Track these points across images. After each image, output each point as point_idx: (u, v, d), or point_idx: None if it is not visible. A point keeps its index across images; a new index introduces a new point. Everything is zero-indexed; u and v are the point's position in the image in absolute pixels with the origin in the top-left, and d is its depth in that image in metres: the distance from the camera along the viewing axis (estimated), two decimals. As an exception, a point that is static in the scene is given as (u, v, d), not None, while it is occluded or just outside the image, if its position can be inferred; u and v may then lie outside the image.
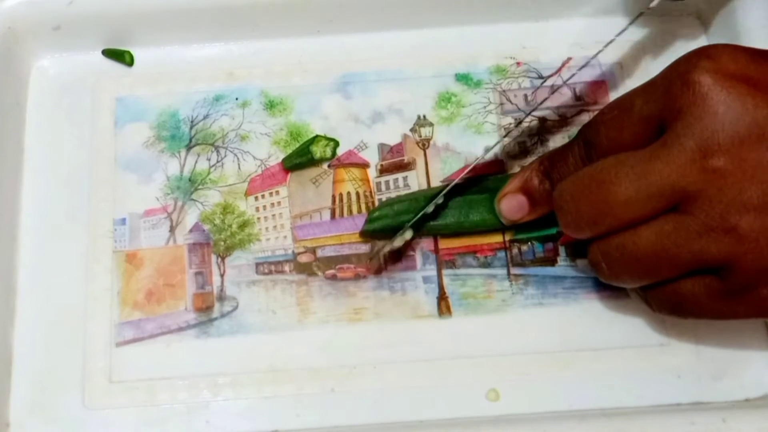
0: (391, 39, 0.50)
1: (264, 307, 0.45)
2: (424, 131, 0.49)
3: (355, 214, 0.47)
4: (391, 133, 0.49)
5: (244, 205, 0.47)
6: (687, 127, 0.35)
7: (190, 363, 0.44)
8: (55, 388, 0.43)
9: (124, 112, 0.49)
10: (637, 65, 0.49)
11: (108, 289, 0.45)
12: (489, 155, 0.47)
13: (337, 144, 0.48)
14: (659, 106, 0.37)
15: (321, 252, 0.46)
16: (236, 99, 0.49)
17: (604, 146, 0.38)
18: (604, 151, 0.38)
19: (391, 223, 0.46)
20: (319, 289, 0.46)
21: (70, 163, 0.48)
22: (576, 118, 0.49)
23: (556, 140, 0.48)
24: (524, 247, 0.46)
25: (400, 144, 0.48)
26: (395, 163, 0.48)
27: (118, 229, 0.47)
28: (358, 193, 0.48)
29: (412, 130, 0.49)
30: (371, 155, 0.48)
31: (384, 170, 0.48)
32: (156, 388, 0.43)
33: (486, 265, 0.46)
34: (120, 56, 0.50)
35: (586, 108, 0.49)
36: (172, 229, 0.47)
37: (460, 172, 0.47)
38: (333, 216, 0.47)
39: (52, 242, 0.46)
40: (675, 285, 0.38)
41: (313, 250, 0.47)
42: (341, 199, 0.48)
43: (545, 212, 0.43)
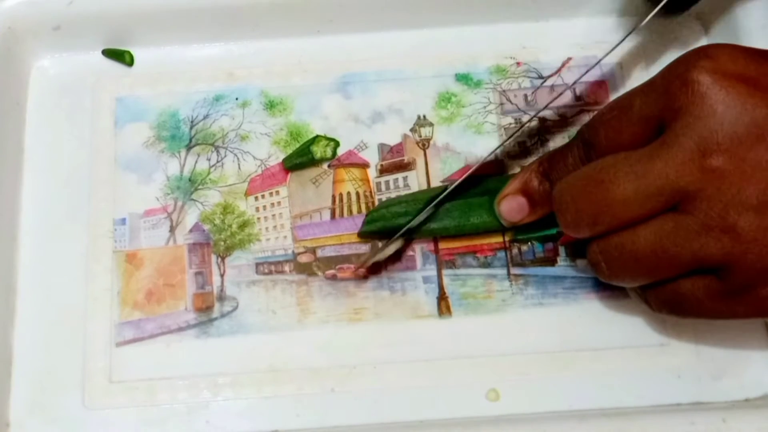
0: (391, 39, 0.50)
1: (264, 307, 0.45)
2: (424, 131, 0.49)
3: (355, 214, 0.47)
4: (391, 133, 0.49)
5: (244, 205, 0.47)
6: (686, 127, 0.35)
7: (190, 363, 0.44)
8: (55, 388, 0.43)
9: (124, 112, 0.49)
10: (637, 65, 0.49)
11: (108, 289, 0.45)
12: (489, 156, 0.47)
13: (337, 144, 0.48)
14: (658, 105, 0.36)
15: (321, 252, 0.46)
16: (236, 99, 0.49)
17: (603, 146, 0.38)
18: (603, 151, 0.38)
19: (389, 225, 0.45)
20: (319, 289, 0.45)
21: (70, 163, 0.48)
22: (576, 118, 0.48)
23: (556, 140, 0.48)
24: (524, 247, 0.46)
25: (400, 144, 0.48)
26: (395, 163, 0.48)
27: (118, 229, 0.46)
28: (358, 193, 0.48)
29: (412, 130, 0.49)
30: (371, 155, 0.48)
31: (384, 170, 0.48)
32: (156, 388, 0.43)
33: (486, 265, 0.46)
34: (120, 56, 0.50)
35: (586, 108, 0.49)
36: (172, 229, 0.47)
37: (459, 173, 0.47)
38: (333, 216, 0.47)
39: (52, 242, 0.46)
40: (674, 284, 0.38)
41: (313, 250, 0.46)
42: (341, 199, 0.47)
43: (545, 213, 0.43)
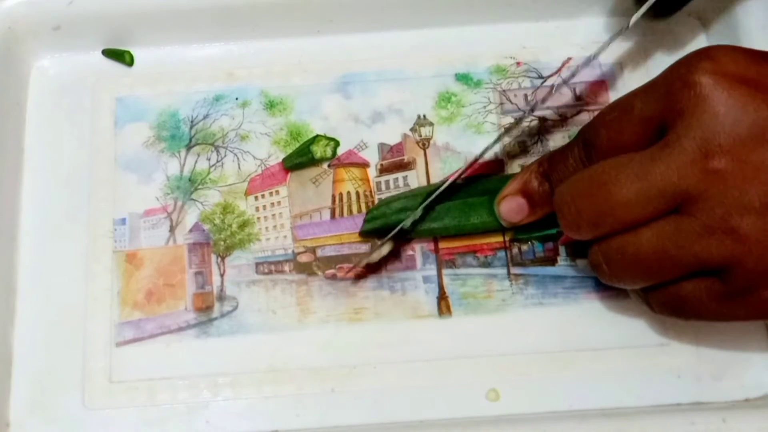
0: (391, 39, 0.50)
1: (264, 306, 0.45)
2: (424, 131, 0.48)
3: (355, 214, 0.47)
4: (391, 132, 0.49)
5: (244, 205, 0.47)
6: (688, 129, 0.35)
7: (190, 363, 0.44)
8: (55, 388, 0.43)
9: (124, 112, 0.49)
10: (638, 65, 0.49)
11: (108, 289, 0.45)
12: (488, 155, 0.46)
13: (337, 144, 0.48)
14: (660, 107, 0.36)
15: (321, 252, 0.46)
16: (236, 99, 0.49)
17: (604, 147, 0.38)
18: (603, 152, 0.38)
19: (390, 222, 0.45)
20: (319, 289, 0.45)
21: (70, 163, 0.48)
22: (576, 118, 0.48)
23: (556, 140, 0.48)
24: (524, 247, 0.46)
25: (400, 144, 0.48)
26: (395, 162, 0.48)
27: (118, 229, 0.46)
28: (358, 193, 0.47)
29: (412, 129, 0.48)
30: (371, 155, 0.48)
31: (384, 170, 0.48)
32: (156, 388, 0.43)
33: (486, 265, 0.45)
34: (120, 56, 0.50)
35: (586, 108, 0.48)
36: (172, 229, 0.46)
37: (458, 173, 0.47)
38: (333, 216, 0.47)
39: (52, 242, 0.46)
40: (676, 286, 0.38)
41: (313, 250, 0.46)
42: (341, 199, 0.47)
43: (545, 214, 0.43)
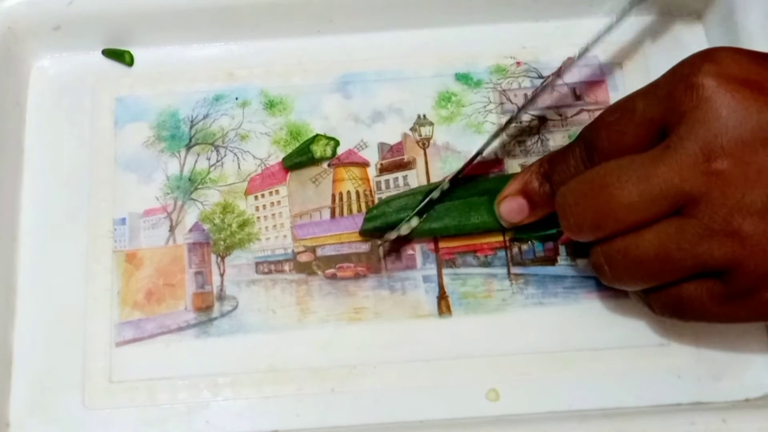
0: (391, 39, 0.50)
1: (264, 306, 0.44)
2: (424, 130, 0.48)
3: (355, 213, 0.47)
4: (391, 132, 0.48)
5: (243, 205, 0.47)
6: (690, 130, 0.35)
7: (190, 363, 0.43)
8: (55, 388, 0.43)
9: (124, 112, 0.49)
10: (638, 65, 0.49)
11: (108, 289, 0.45)
12: (488, 154, 0.47)
13: (337, 143, 0.48)
14: (662, 109, 0.36)
15: (321, 251, 0.46)
16: (236, 99, 0.49)
17: (606, 149, 0.38)
18: (605, 153, 0.38)
19: (390, 220, 0.45)
20: (319, 289, 0.45)
21: (70, 163, 0.47)
22: (576, 117, 0.48)
23: (557, 140, 0.48)
24: (524, 247, 0.45)
25: (400, 143, 0.48)
26: (395, 162, 0.48)
27: (118, 229, 0.46)
28: (358, 192, 0.47)
29: (412, 129, 0.48)
30: (371, 154, 0.48)
31: (384, 169, 0.48)
32: (156, 388, 0.43)
33: (486, 265, 0.45)
34: (120, 56, 0.50)
35: (587, 108, 0.48)
36: (172, 229, 0.46)
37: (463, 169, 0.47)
38: (333, 215, 0.47)
39: (52, 242, 0.46)
40: (677, 288, 0.37)
41: (313, 250, 0.46)
42: (341, 198, 0.47)
43: (545, 214, 0.43)
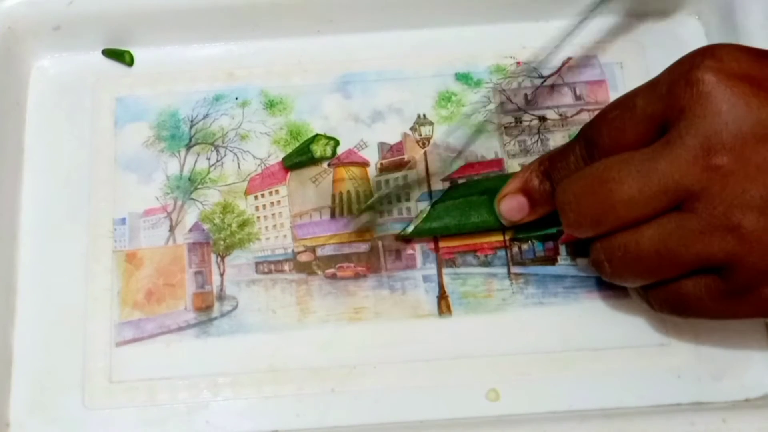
0: (391, 39, 0.49)
1: (264, 306, 0.44)
2: (424, 130, 0.48)
3: (355, 213, 0.46)
4: (391, 132, 0.48)
5: (243, 205, 0.46)
6: (690, 126, 0.34)
7: (190, 363, 0.43)
8: (55, 388, 0.42)
9: (124, 112, 0.48)
10: (638, 65, 0.48)
11: (108, 289, 0.44)
12: (488, 154, 0.47)
13: (337, 143, 0.48)
14: (662, 105, 0.36)
15: (321, 251, 0.46)
16: (236, 99, 0.49)
17: (606, 146, 0.37)
18: (605, 150, 0.37)
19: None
20: (319, 288, 0.45)
21: (70, 163, 0.47)
22: (576, 117, 0.48)
23: (557, 139, 0.47)
24: (524, 246, 0.45)
25: (400, 143, 0.48)
26: (395, 161, 0.47)
27: (118, 228, 0.46)
28: (357, 192, 0.47)
29: (412, 129, 0.48)
30: (371, 154, 0.48)
31: (384, 169, 0.47)
32: (156, 388, 0.42)
33: (486, 264, 0.45)
34: (120, 56, 0.49)
35: (587, 107, 0.48)
36: (172, 229, 0.46)
37: (459, 172, 0.47)
38: (333, 215, 0.46)
39: (52, 242, 0.45)
40: (677, 284, 0.37)
41: (313, 249, 0.46)
42: (341, 198, 0.47)
43: (546, 213, 0.42)
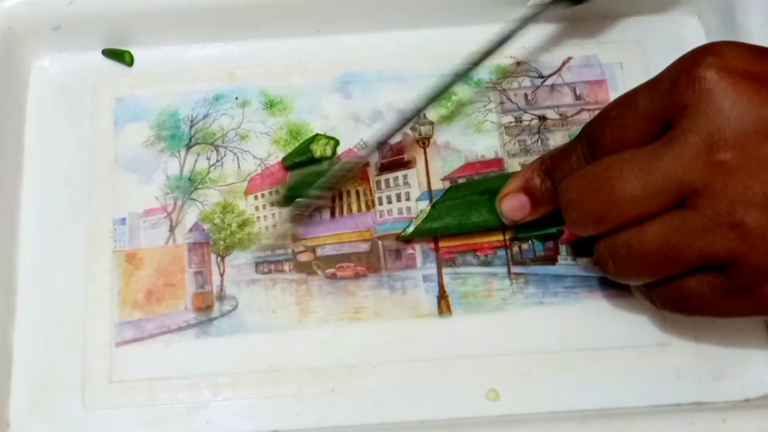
0: (391, 39, 0.49)
1: (264, 306, 0.44)
2: (424, 130, 0.47)
3: (355, 213, 0.46)
4: (392, 131, 0.47)
5: (243, 204, 0.46)
6: (692, 123, 0.34)
7: (190, 363, 0.43)
8: (55, 388, 0.42)
9: (124, 112, 0.48)
10: (638, 65, 0.48)
11: (108, 289, 0.44)
12: (488, 154, 0.46)
13: (337, 142, 0.47)
14: (664, 102, 0.35)
15: (321, 251, 0.45)
16: (236, 98, 0.48)
17: (608, 144, 0.37)
18: (607, 149, 0.37)
19: (301, 194, 0.44)
20: (319, 288, 0.44)
21: (70, 163, 0.47)
22: (576, 117, 0.47)
23: (557, 139, 0.47)
24: (525, 246, 0.45)
25: (400, 142, 0.47)
26: (395, 161, 0.47)
27: (118, 228, 0.45)
28: (357, 192, 0.46)
29: (412, 128, 0.47)
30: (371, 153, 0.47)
31: (384, 168, 0.47)
32: (156, 388, 0.42)
33: (486, 264, 0.44)
34: (120, 56, 0.49)
35: (587, 107, 0.47)
36: (172, 229, 0.45)
37: (459, 171, 0.46)
38: (333, 215, 0.46)
39: (52, 242, 0.45)
40: (679, 282, 0.37)
41: (313, 249, 0.45)
42: (341, 198, 0.46)
43: (547, 212, 0.42)
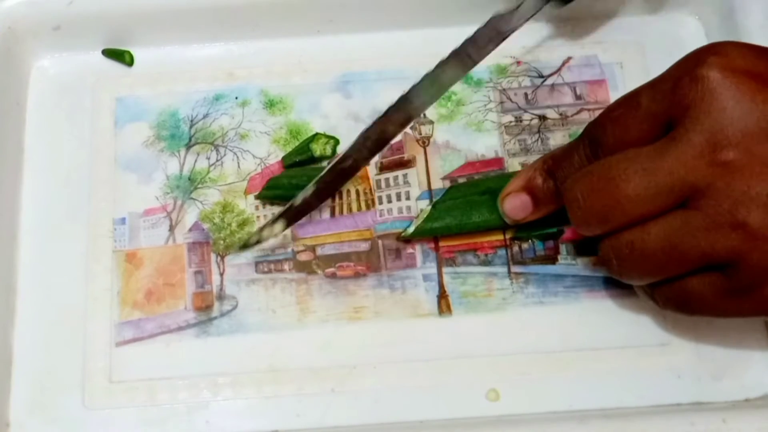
0: (391, 39, 0.49)
1: (264, 306, 0.43)
2: (424, 129, 0.47)
3: (355, 212, 0.45)
4: (391, 131, 0.47)
5: (243, 204, 0.46)
6: (695, 123, 0.34)
7: (190, 363, 0.42)
8: (55, 388, 0.42)
9: (124, 112, 0.47)
10: (638, 65, 0.47)
11: (108, 288, 0.44)
12: (489, 153, 0.46)
13: (337, 142, 0.47)
14: (667, 102, 0.35)
15: (321, 250, 0.45)
16: (236, 98, 0.48)
17: (610, 144, 0.36)
18: (610, 148, 0.36)
19: (287, 195, 0.43)
20: (319, 288, 0.44)
21: (70, 163, 0.46)
22: (576, 117, 0.47)
23: (557, 139, 0.46)
24: (525, 245, 0.44)
25: (400, 142, 0.47)
26: (395, 160, 0.46)
27: (118, 228, 0.45)
28: (357, 191, 0.46)
29: (412, 128, 0.47)
30: (371, 153, 0.47)
31: (384, 168, 0.46)
32: (156, 388, 0.42)
33: (486, 263, 0.44)
34: (120, 56, 0.48)
35: (587, 107, 0.47)
36: (172, 229, 0.45)
37: (459, 171, 0.46)
38: (332, 214, 0.46)
39: (52, 242, 0.45)
40: (682, 282, 0.36)
41: (313, 249, 0.45)
42: (341, 197, 0.46)
43: (549, 212, 0.41)
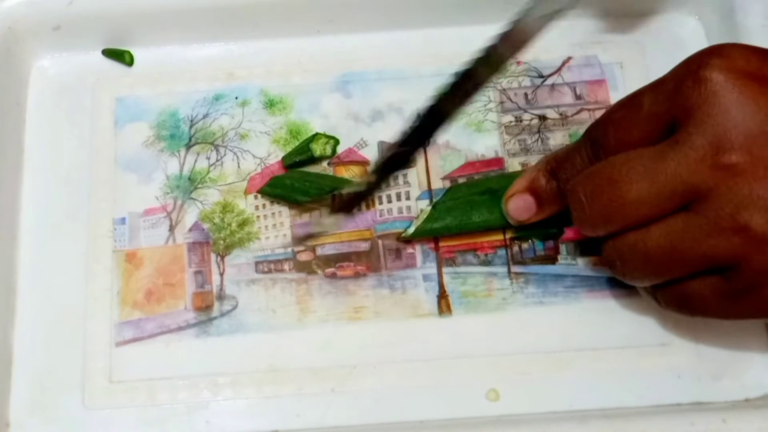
0: (391, 39, 0.48)
1: (264, 306, 0.43)
2: (424, 129, 0.46)
3: (355, 212, 0.45)
4: (391, 131, 0.45)
5: (243, 204, 0.45)
6: (698, 125, 0.33)
7: (190, 363, 0.42)
8: (55, 388, 0.41)
9: (124, 112, 0.47)
10: (638, 65, 0.47)
11: (108, 288, 0.43)
12: (489, 153, 0.45)
13: (337, 142, 0.46)
14: (669, 104, 0.34)
15: (321, 250, 0.44)
16: (236, 98, 0.47)
17: (612, 146, 0.36)
18: (611, 150, 0.36)
19: (287, 195, 0.44)
20: (319, 288, 0.43)
21: (70, 163, 0.46)
22: (576, 117, 0.46)
23: (557, 139, 0.46)
24: (525, 245, 0.44)
25: (400, 142, 0.46)
26: (395, 160, 0.46)
27: (118, 228, 0.44)
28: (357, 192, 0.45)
29: (411, 128, 0.46)
30: (371, 153, 0.46)
31: (384, 168, 0.46)
32: (156, 388, 0.41)
33: (486, 263, 0.44)
34: (120, 56, 0.48)
35: (587, 107, 0.47)
36: (172, 228, 0.45)
37: (459, 170, 0.45)
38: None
39: (52, 242, 0.44)
40: (684, 284, 0.36)
41: (313, 249, 0.44)
42: (341, 197, 0.45)
43: (553, 212, 0.41)
